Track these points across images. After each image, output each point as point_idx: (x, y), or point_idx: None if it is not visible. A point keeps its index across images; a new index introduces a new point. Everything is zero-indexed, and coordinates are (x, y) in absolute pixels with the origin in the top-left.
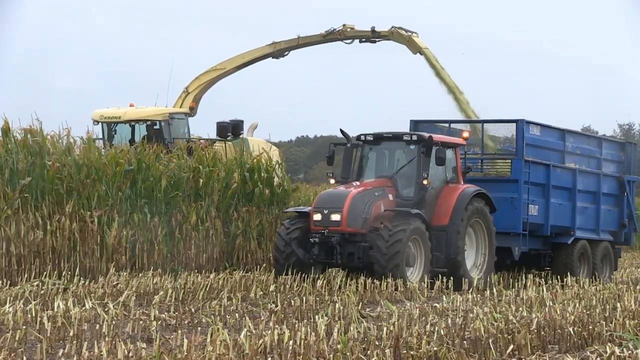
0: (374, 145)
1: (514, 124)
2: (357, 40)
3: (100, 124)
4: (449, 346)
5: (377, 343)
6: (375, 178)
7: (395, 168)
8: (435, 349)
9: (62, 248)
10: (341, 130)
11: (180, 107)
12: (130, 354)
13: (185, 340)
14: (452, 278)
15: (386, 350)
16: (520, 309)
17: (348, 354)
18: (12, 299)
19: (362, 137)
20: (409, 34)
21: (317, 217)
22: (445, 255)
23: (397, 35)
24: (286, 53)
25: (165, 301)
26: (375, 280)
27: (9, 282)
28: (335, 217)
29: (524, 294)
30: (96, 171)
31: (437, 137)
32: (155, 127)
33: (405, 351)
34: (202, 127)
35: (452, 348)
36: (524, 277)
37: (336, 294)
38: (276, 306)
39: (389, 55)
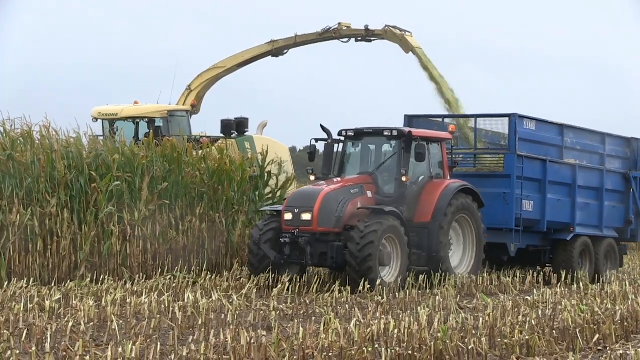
0: (356, 140)
1: (507, 119)
2: (353, 40)
3: (99, 121)
4: (539, 335)
5: (473, 332)
6: (357, 174)
7: (376, 164)
8: (527, 337)
9: (192, 246)
10: (321, 126)
11: (183, 104)
12: (252, 341)
13: (301, 329)
14: (435, 275)
15: (482, 339)
16: (605, 301)
17: (447, 341)
18: (147, 290)
19: (343, 133)
20: (403, 32)
21: (288, 216)
22: (427, 253)
23: (391, 34)
24: (285, 51)
25: (283, 293)
26: (472, 275)
27: (144, 276)
28: (306, 216)
29: (608, 288)
30: (226, 177)
31: (417, 132)
32: (155, 124)
33: (499, 339)
34: (215, 125)
35: (542, 337)
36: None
37: (436, 288)
38: (382, 298)
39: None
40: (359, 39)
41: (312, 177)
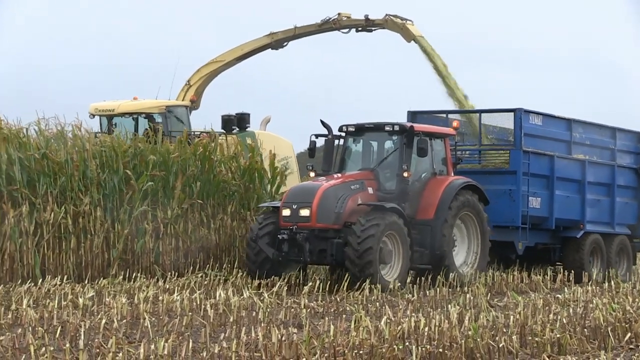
0: (356, 136)
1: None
2: (353, 30)
3: (96, 117)
4: (570, 333)
5: (504, 330)
6: (358, 170)
7: (377, 160)
8: (558, 336)
9: (223, 244)
10: (321, 121)
11: (183, 100)
12: (283, 338)
13: (332, 326)
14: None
15: (513, 337)
16: (637, 300)
17: (478, 339)
18: (179, 288)
19: (344, 128)
20: (404, 21)
21: (286, 212)
22: (430, 251)
23: (391, 23)
24: (285, 44)
25: (314, 291)
26: (502, 273)
27: (176, 273)
28: (304, 212)
29: None
30: (257, 175)
31: (419, 127)
32: (155, 120)
33: (530, 337)
34: (216, 120)
35: (574, 335)
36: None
37: (467, 286)
38: (413, 296)
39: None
40: (360, 29)
41: (312, 174)
